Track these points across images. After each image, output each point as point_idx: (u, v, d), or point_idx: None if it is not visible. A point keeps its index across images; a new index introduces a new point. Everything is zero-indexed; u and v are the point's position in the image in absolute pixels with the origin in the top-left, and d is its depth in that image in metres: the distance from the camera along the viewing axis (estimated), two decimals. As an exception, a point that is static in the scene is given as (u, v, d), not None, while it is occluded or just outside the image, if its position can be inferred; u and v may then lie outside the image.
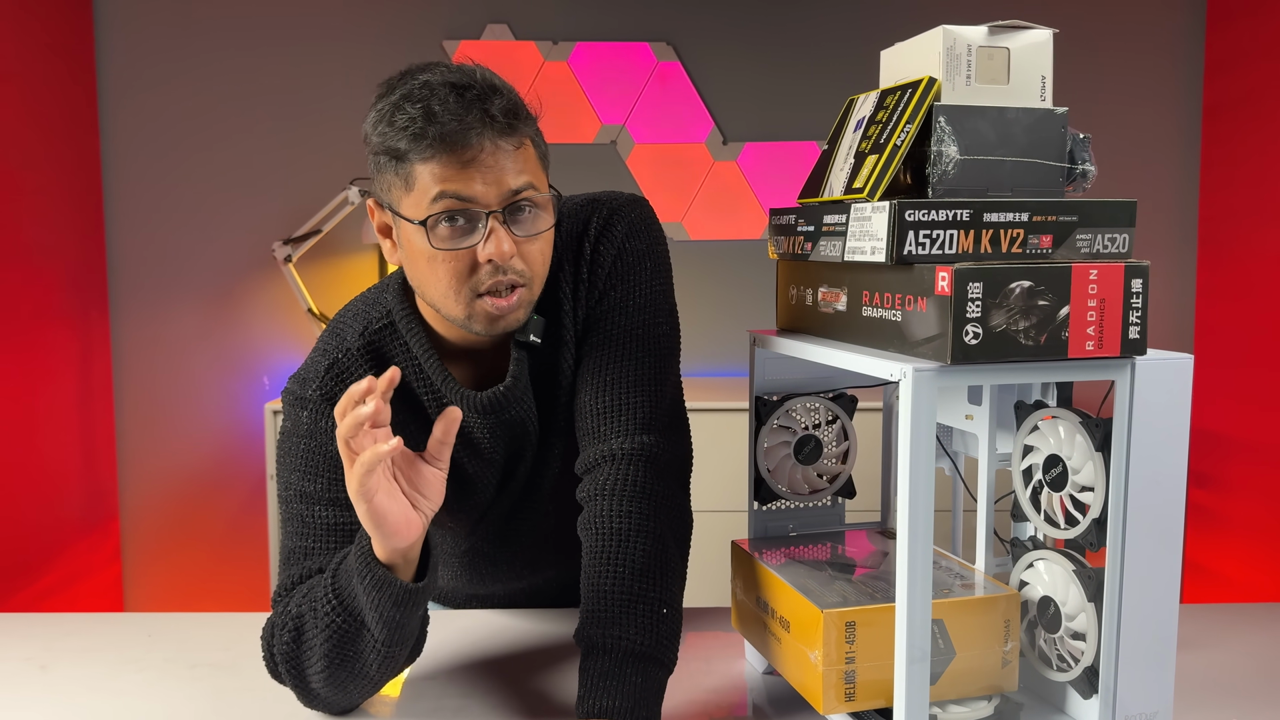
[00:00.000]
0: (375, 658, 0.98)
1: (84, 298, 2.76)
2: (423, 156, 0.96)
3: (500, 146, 0.98)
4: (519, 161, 0.99)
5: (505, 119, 0.97)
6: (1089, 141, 0.96)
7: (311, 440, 1.07)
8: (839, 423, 1.19)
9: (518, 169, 0.99)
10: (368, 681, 1.00)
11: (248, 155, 2.87)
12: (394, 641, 0.97)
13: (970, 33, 0.91)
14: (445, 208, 0.97)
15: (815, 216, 1.02)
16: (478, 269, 1.00)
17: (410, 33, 2.85)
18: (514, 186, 0.99)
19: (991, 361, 0.84)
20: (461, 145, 0.96)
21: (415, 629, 0.99)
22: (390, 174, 0.99)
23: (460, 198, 0.97)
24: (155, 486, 2.93)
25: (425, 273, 1.01)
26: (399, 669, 1.03)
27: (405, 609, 0.94)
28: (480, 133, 0.96)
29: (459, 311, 1.02)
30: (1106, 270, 0.85)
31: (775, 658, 1.05)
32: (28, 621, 1.35)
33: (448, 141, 0.95)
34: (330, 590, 0.97)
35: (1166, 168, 2.94)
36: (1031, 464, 0.98)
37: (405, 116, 0.96)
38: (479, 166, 0.97)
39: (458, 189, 0.97)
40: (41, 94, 2.55)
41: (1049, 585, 0.96)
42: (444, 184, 0.96)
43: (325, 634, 0.97)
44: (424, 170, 0.97)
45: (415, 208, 0.98)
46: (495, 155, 0.97)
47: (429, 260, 1.00)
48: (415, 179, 0.97)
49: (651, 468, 1.07)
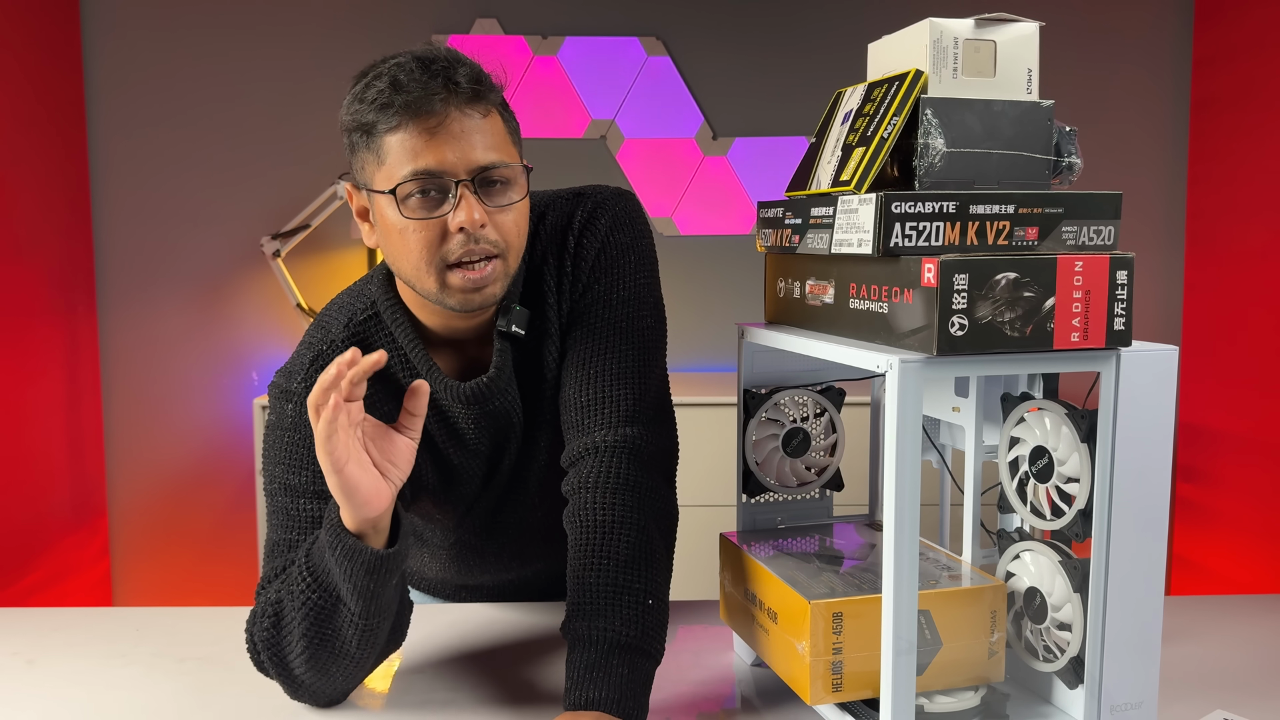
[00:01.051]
0: (354, 633, 0.97)
1: (71, 293, 2.74)
2: (390, 126, 0.97)
3: (467, 114, 0.99)
4: (487, 133, 1.00)
5: (469, 85, 0.99)
6: (1075, 134, 0.96)
7: (296, 433, 1.07)
8: (827, 415, 1.19)
9: (486, 142, 1.00)
10: (349, 661, 1.00)
11: (235, 150, 2.86)
12: (370, 613, 0.97)
13: (957, 25, 0.91)
14: (415, 178, 0.98)
15: (803, 209, 1.02)
16: (449, 238, 1.00)
17: (399, 27, 2.84)
18: (483, 161, 0.99)
19: (977, 353, 0.84)
20: (427, 112, 0.97)
21: (392, 602, 0.99)
22: (363, 151, 1.01)
23: (430, 170, 0.98)
24: (143, 482, 2.92)
25: (398, 245, 1.02)
26: (380, 647, 1.02)
27: (377, 577, 0.94)
28: (445, 99, 0.97)
29: (432, 284, 1.02)
30: (1091, 262, 0.86)
31: (763, 649, 1.05)
32: (14, 616, 1.35)
33: (414, 109, 0.97)
34: (305, 568, 0.97)
35: (1154, 163, 2.95)
36: (1018, 455, 0.98)
37: (374, 91, 0.98)
38: (447, 135, 0.98)
39: (427, 161, 0.97)
40: (28, 90, 2.53)
41: (1035, 576, 0.97)
42: (414, 155, 0.97)
43: (302, 613, 0.97)
44: (393, 141, 0.98)
45: (387, 180, 0.99)
46: (462, 123, 0.98)
47: (400, 232, 1.00)
48: (385, 151, 0.98)
49: (635, 460, 1.07)
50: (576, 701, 0.94)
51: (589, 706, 0.93)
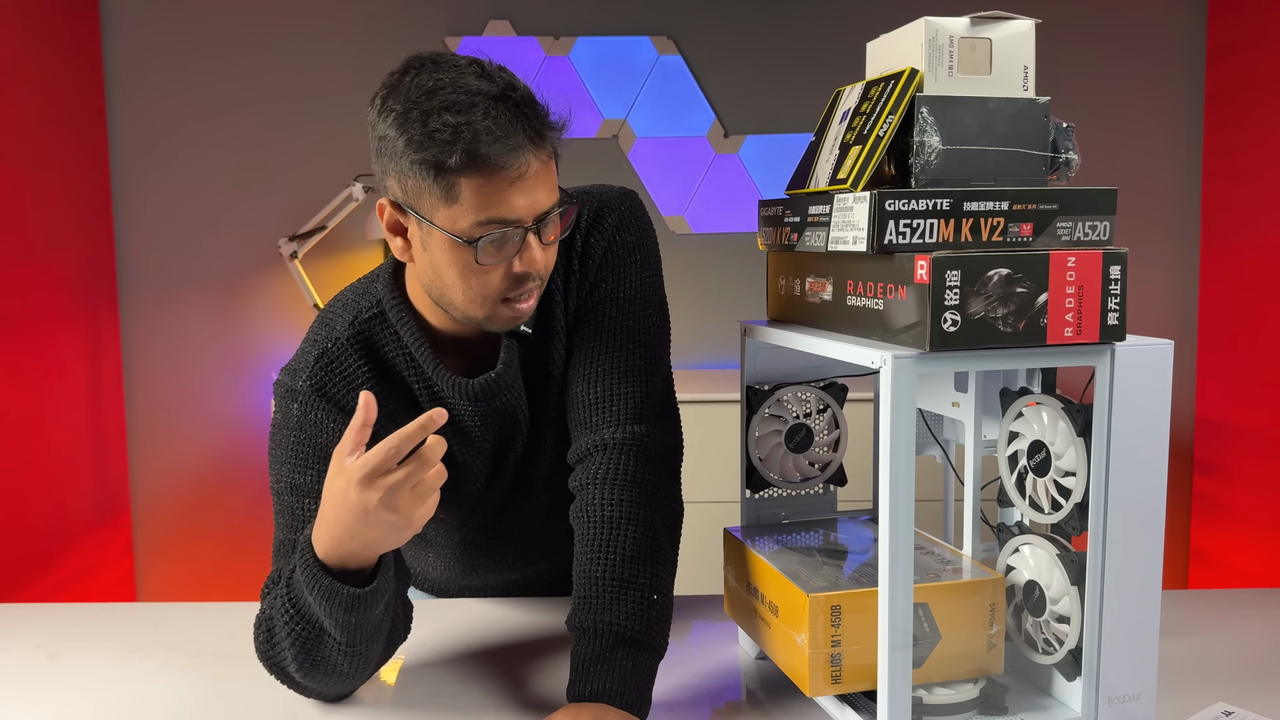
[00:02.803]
0: (342, 659, 0.99)
1: (93, 295, 2.79)
2: (467, 171, 0.94)
3: (543, 161, 0.99)
4: (551, 176, 1.01)
5: (548, 133, 0.98)
6: (1072, 130, 0.97)
7: (301, 432, 1.08)
8: (830, 411, 1.20)
9: (550, 184, 1.01)
10: (344, 677, 1.02)
11: (253, 153, 2.90)
12: (355, 642, 0.98)
13: (952, 24, 0.92)
14: (492, 229, 0.97)
15: (801, 207, 1.03)
16: (508, 277, 1.01)
17: (412, 29, 2.86)
18: (546, 206, 1.00)
19: (970, 348, 0.85)
20: (510, 165, 0.95)
21: (379, 624, 1.00)
22: (423, 181, 0.96)
23: (506, 220, 0.97)
24: (166, 481, 2.96)
25: (454, 281, 1.01)
26: (375, 663, 1.04)
27: (357, 613, 0.95)
28: (527, 151, 0.96)
29: (480, 314, 1.04)
30: (1084, 257, 0.87)
31: (765, 642, 1.07)
32: (36, 611, 1.38)
33: (497, 161, 0.94)
34: (286, 599, 0.98)
35: (1169, 155, 2.93)
36: (1016, 450, 0.99)
37: (447, 128, 0.93)
38: (525, 184, 0.97)
39: (505, 211, 0.96)
40: (50, 94, 2.57)
41: (1034, 570, 0.98)
42: (492, 204, 0.96)
43: (290, 639, 0.98)
44: (469, 185, 0.95)
45: (456, 222, 0.97)
46: (537, 171, 0.98)
47: (462, 271, 1.00)
48: (458, 193, 0.96)
49: (642, 457, 1.09)
50: (580, 693, 0.96)
51: (592, 699, 0.95)
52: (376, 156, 1.00)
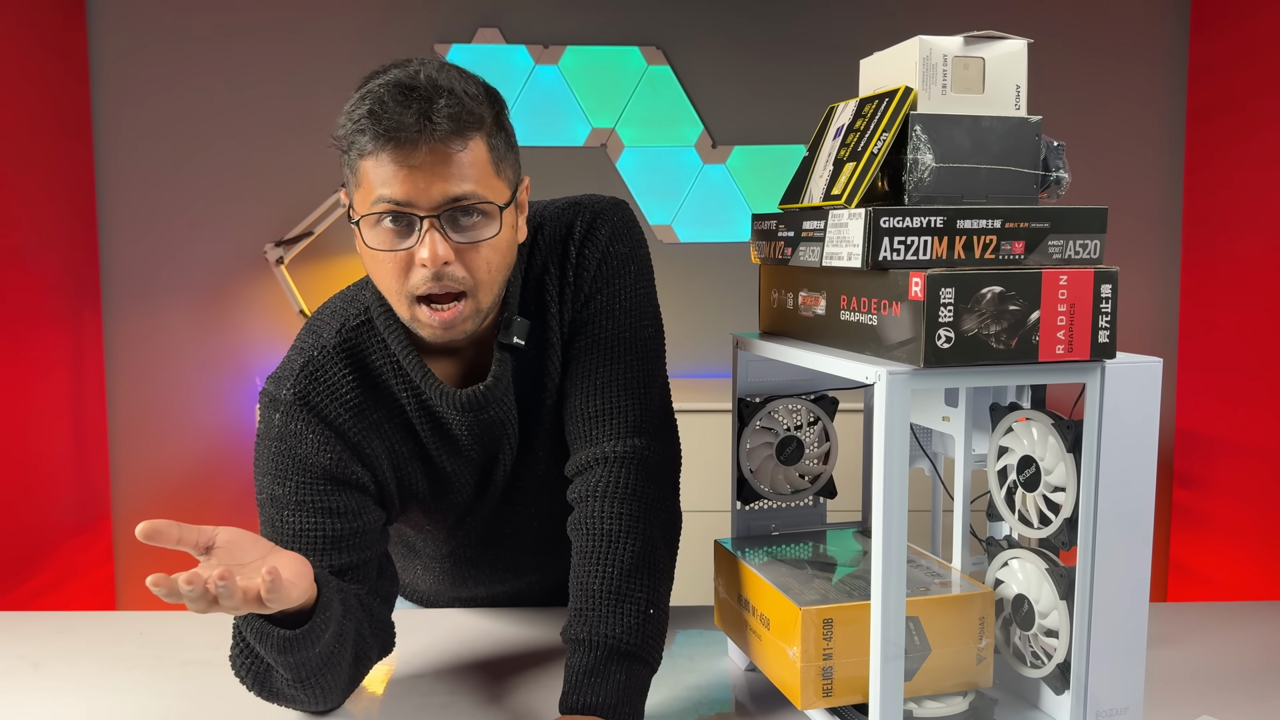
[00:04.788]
0: (294, 690, 0.99)
1: (77, 298, 2.77)
2: (364, 151, 0.97)
3: (440, 150, 0.96)
4: (463, 166, 0.98)
5: (448, 123, 0.96)
6: (1063, 149, 0.98)
7: (282, 443, 1.07)
8: (820, 424, 1.21)
9: (460, 175, 0.97)
10: (304, 704, 1.02)
11: (240, 157, 2.88)
12: (303, 677, 0.97)
13: (946, 43, 0.93)
14: (383, 209, 0.98)
15: (795, 222, 1.04)
16: (414, 270, 0.99)
17: (402, 36, 2.86)
18: (453, 193, 0.97)
19: (963, 364, 0.86)
20: (396, 145, 0.95)
21: (326, 659, 0.98)
22: (345, 167, 1.01)
23: (396, 201, 0.97)
24: (147, 486, 2.94)
25: (371, 267, 1.03)
26: (342, 687, 1.04)
27: (292, 654, 0.94)
28: (418, 134, 0.95)
29: (404, 313, 1.03)
30: (1076, 276, 0.88)
31: (756, 654, 1.07)
32: (20, 620, 1.36)
33: (384, 141, 0.96)
34: (236, 632, 0.98)
35: (1150, 171, 2.96)
36: (1006, 465, 1.00)
37: (357, 113, 0.97)
38: (416, 169, 0.96)
39: (393, 192, 0.97)
40: (35, 95, 2.56)
41: (1023, 583, 0.99)
42: (382, 185, 0.97)
43: (244, 670, 0.99)
44: (366, 166, 0.98)
45: (360, 204, 1.00)
46: (433, 159, 0.96)
47: (371, 256, 1.01)
48: (360, 174, 0.99)
49: (642, 470, 1.09)
50: (573, 706, 0.96)
51: (585, 711, 0.95)
52: None
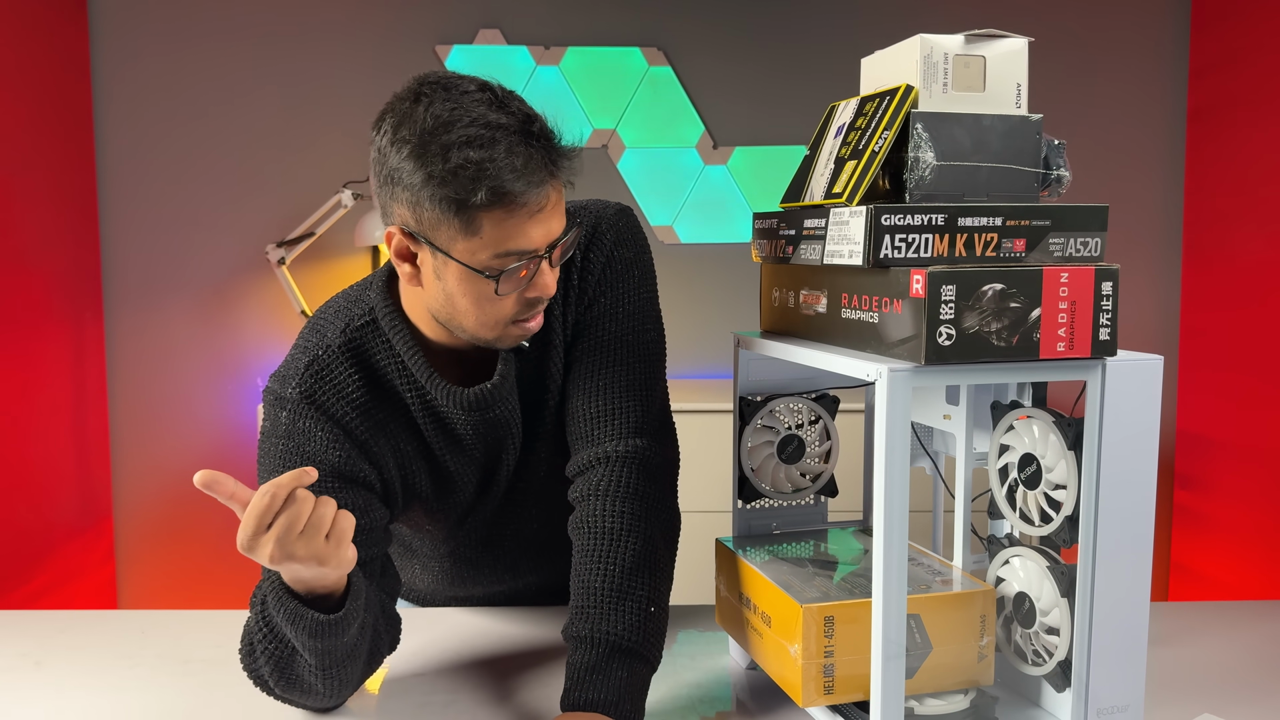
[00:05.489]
0: (315, 679, 0.99)
1: (78, 299, 2.77)
2: (491, 206, 0.94)
3: (560, 192, 1.00)
4: (561, 200, 1.01)
5: (564, 164, 0.99)
6: (1064, 147, 0.98)
7: (289, 440, 1.07)
8: (821, 423, 1.21)
9: (562, 210, 1.02)
10: (320, 695, 1.02)
11: (242, 158, 2.89)
12: (327, 665, 0.98)
13: (947, 41, 0.93)
14: (510, 260, 0.97)
15: (796, 221, 1.04)
16: (520, 301, 1.02)
17: (403, 37, 2.86)
18: (560, 231, 1.01)
19: (964, 362, 0.86)
20: (533, 201, 0.96)
21: (351, 649, 0.99)
22: (443, 215, 0.95)
23: (525, 252, 0.98)
24: (148, 487, 2.94)
25: (468, 309, 1.02)
26: (355, 681, 1.04)
27: (323, 638, 0.95)
28: (548, 185, 0.97)
29: (490, 336, 1.05)
30: (1077, 273, 0.88)
31: (757, 652, 1.07)
32: (23, 618, 1.37)
33: (522, 199, 0.95)
34: (261, 618, 0.99)
35: (1151, 171, 2.97)
36: (1007, 463, 1.00)
37: (470, 165, 0.92)
38: (543, 215, 0.98)
39: (523, 244, 0.97)
40: (37, 97, 2.56)
41: (1024, 581, 0.99)
42: (517, 236, 0.96)
43: (265, 657, 0.99)
44: (489, 220, 0.95)
45: (474, 254, 0.97)
46: (555, 201, 0.99)
47: (477, 300, 1.00)
48: (479, 227, 0.95)
49: (643, 470, 1.09)
50: (575, 702, 0.96)
51: (586, 708, 0.95)
52: (385, 184, 0.98)
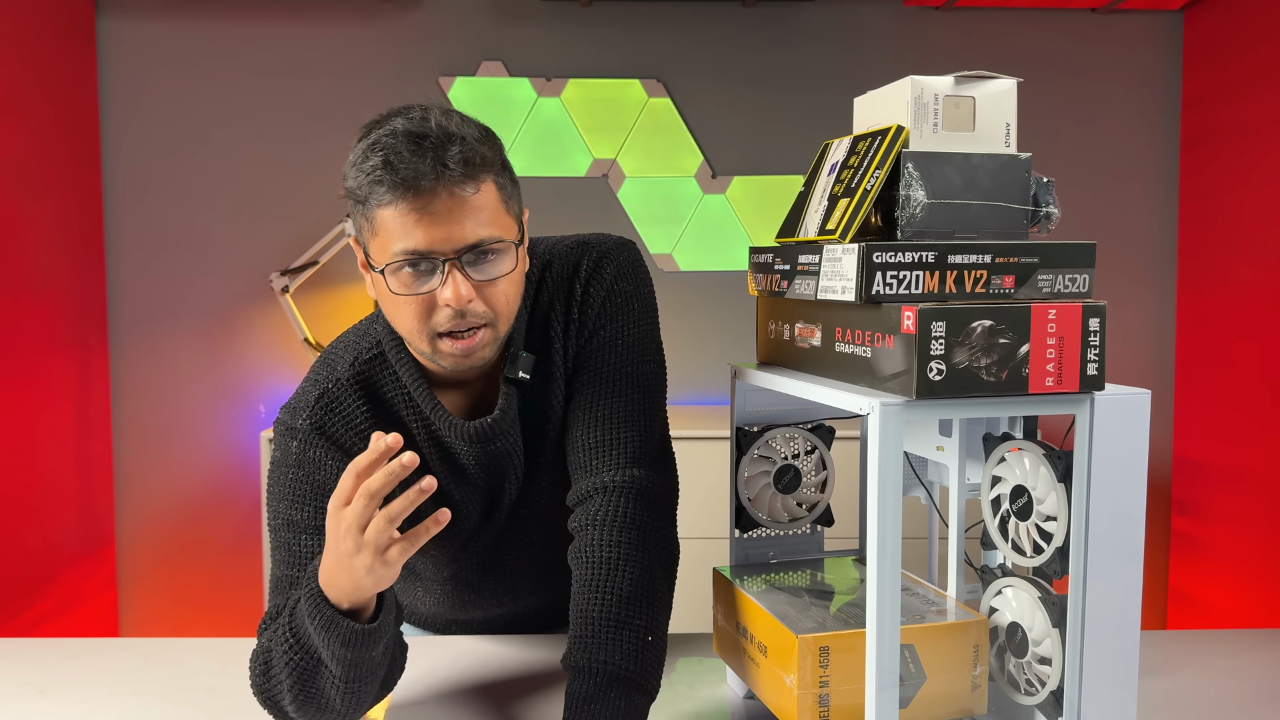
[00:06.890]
0: (336, 694, 0.99)
1: (83, 327, 2.79)
2: (381, 202, 1.00)
3: (456, 195, 1.00)
4: (477, 209, 1.02)
5: (461, 168, 0.99)
6: (1052, 185, 1.01)
7: (300, 470, 1.10)
8: (817, 453, 1.23)
9: (476, 219, 1.01)
10: (336, 714, 1.02)
11: (246, 187, 2.92)
12: (352, 679, 0.98)
13: (937, 83, 0.96)
14: (404, 258, 1.01)
15: (791, 256, 1.06)
16: (437, 310, 1.03)
17: (407, 69, 2.90)
18: (470, 239, 1.01)
19: (955, 396, 0.88)
20: (414, 194, 0.99)
21: (376, 665, 1.00)
22: (359, 217, 1.04)
23: (418, 250, 1.00)
24: (151, 513, 2.95)
25: (392, 311, 1.06)
26: (369, 702, 1.04)
27: (355, 649, 0.96)
28: (434, 180, 0.99)
29: (425, 348, 1.07)
30: (1065, 310, 0.90)
31: (754, 682, 1.08)
32: (26, 647, 1.38)
33: (402, 190, 0.99)
34: (288, 628, 0.99)
35: (1145, 201, 3.00)
36: (999, 494, 1.02)
37: (370, 164, 1.00)
38: (435, 217, 1.00)
39: (416, 241, 1.00)
40: (44, 125, 2.59)
41: (1017, 611, 1.00)
42: (404, 234, 1.00)
43: (287, 670, 0.99)
44: (384, 216, 1.01)
45: (379, 253, 1.03)
46: (450, 204, 1.00)
47: (392, 301, 1.04)
48: (378, 225, 1.01)
49: (641, 500, 1.11)
50: (573, 732, 0.97)
51: (585, 737, 0.96)
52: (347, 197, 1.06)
